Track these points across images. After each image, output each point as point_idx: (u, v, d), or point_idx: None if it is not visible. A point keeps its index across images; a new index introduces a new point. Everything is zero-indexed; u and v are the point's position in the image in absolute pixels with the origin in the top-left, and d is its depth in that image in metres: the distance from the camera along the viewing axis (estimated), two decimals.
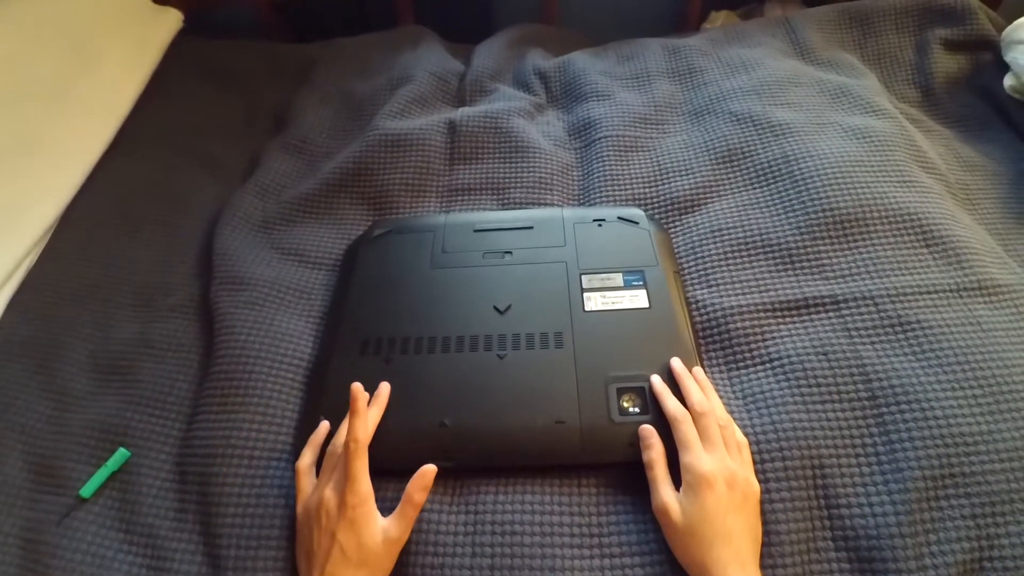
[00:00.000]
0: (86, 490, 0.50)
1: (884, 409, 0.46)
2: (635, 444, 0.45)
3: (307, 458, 0.47)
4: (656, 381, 0.48)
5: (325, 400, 0.50)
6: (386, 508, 0.44)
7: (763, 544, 0.42)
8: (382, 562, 0.42)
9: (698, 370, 0.49)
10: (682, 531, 0.40)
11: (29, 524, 0.49)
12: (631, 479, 0.46)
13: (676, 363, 0.48)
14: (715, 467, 0.41)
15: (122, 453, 0.51)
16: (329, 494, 0.43)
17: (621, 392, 0.47)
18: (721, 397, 0.49)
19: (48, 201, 0.69)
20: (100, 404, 0.56)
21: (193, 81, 0.88)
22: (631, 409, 0.47)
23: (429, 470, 0.44)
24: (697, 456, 0.42)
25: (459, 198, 0.68)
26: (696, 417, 0.45)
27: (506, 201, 0.67)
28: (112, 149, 0.76)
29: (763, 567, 0.41)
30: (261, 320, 0.57)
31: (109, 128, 0.77)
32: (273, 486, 0.48)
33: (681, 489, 0.42)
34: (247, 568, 0.45)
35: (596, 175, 0.67)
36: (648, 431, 0.45)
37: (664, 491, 0.42)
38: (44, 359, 0.59)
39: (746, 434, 0.46)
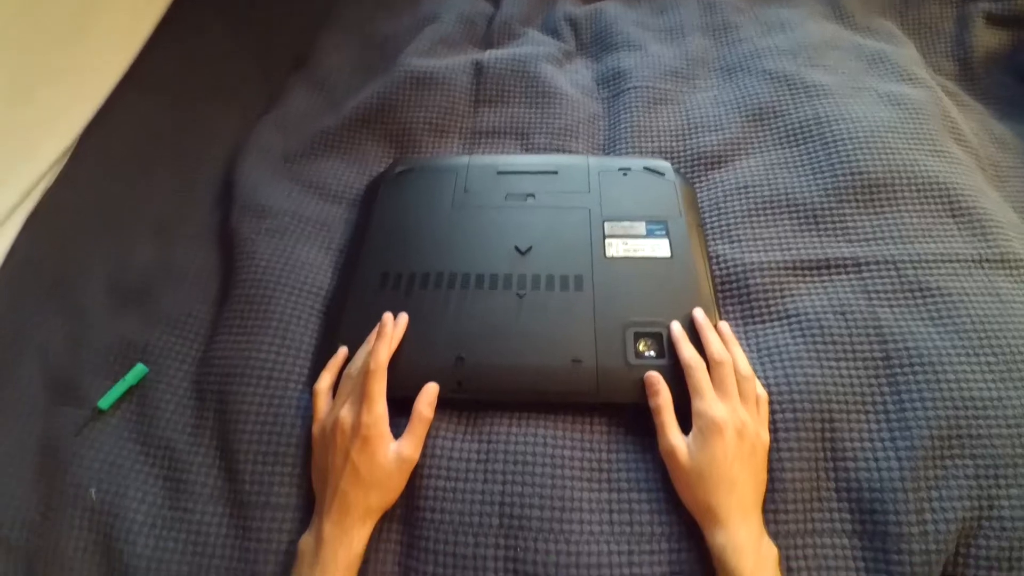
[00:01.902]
0: (104, 402, 0.51)
1: (897, 370, 0.46)
2: None
3: (325, 381, 0.47)
4: (675, 327, 0.48)
5: (343, 328, 0.51)
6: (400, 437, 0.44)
7: (767, 491, 0.43)
8: (394, 482, 0.43)
9: (723, 324, 0.49)
10: (688, 473, 0.41)
11: (47, 434, 0.50)
12: (641, 421, 0.46)
13: (698, 313, 0.49)
14: (726, 415, 0.42)
15: (140, 368, 0.52)
16: (345, 414, 0.43)
17: (638, 336, 0.48)
18: None
19: (63, 128, 0.68)
20: (118, 323, 0.56)
21: (210, 17, 0.86)
22: (647, 353, 0.47)
23: (433, 386, 0.45)
24: (709, 403, 0.43)
25: (482, 141, 0.68)
26: (713, 366, 0.45)
27: (530, 147, 0.67)
28: (127, 84, 0.75)
29: (766, 513, 0.42)
30: (282, 248, 0.57)
31: (124, 61, 0.76)
32: (290, 406, 0.48)
33: (691, 434, 0.43)
34: (264, 482, 0.46)
35: (623, 126, 0.66)
36: (654, 377, 0.45)
37: (671, 434, 0.43)
38: (61, 279, 0.59)
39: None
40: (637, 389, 0.46)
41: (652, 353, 0.47)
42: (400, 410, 0.45)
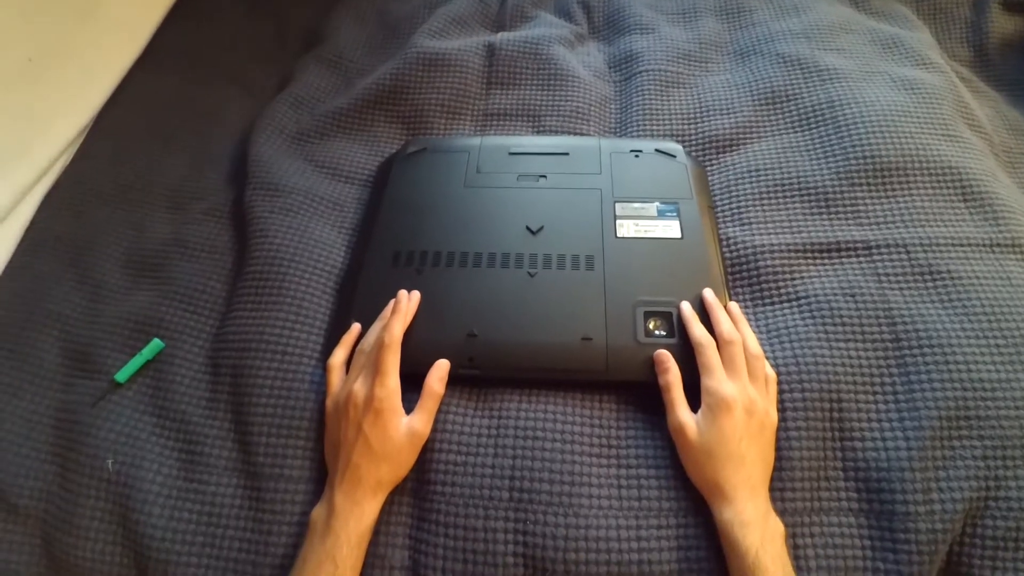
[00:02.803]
0: (121, 375, 0.51)
1: (906, 351, 0.47)
2: None
3: (339, 355, 0.48)
4: (685, 307, 0.48)
5: (356, 305, 0.51)
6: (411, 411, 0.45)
7: (775, 469, 0.43)
8: (404, 456, 0.43)
9: (733, 305, 0.49)
10: (697, 449, 0.42)
11: (63, 406, 0.51)
12: (650, 399, 0.47)
13: (708, 293, 0.49)
14: (736, 392, 0.42)
15: (156, 343, 0.53)
16: (359, 387, 0.44)
17: (648, 315, 0.48)
18: None
19: (79, 106, 0.69)
20: (134, 298, 0.57)
21: None
22: (657, 332, 0.47)
23: (444, 362, 0.45)
24: (719, 380, 0.43)
25: (494, 122, 0.68)
26: (722, 344, 0.45)
27: (541, 129, 0.66)
28: (140, 65, 0.76)
29: (773, 491, 0.42)
30: (295, 226, 0.58)
31: (137, 42, 0.77)
32: (304, 380, 0.49)
33: (700, 411, 0.43)
34: (277, 455, 0.46)
35: (634, 108, 0.66)
36: (664, 355, 0.46)
37: (680, 411, 0.43)
38: (78, 254, 0.60)
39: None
40: (646, 367, 0.46)
41: (662, 332, 0.47)
42: (412, 385, 0.46)
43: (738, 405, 0.42)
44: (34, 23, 0.66)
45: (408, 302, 0.49)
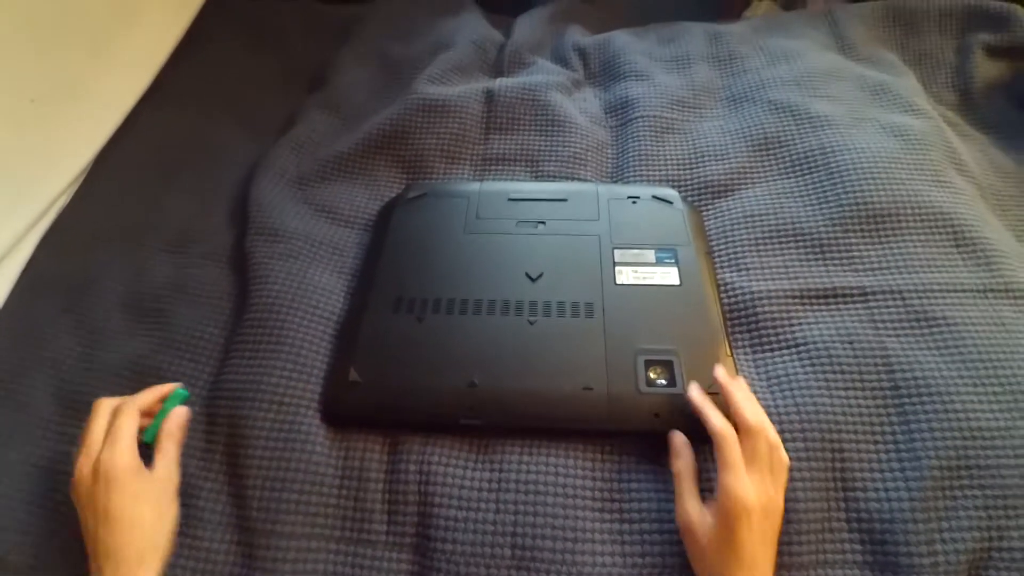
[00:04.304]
0: (149, 435, 0.45)
1: (905, 399, 0.47)
2: (660, 415, 0.46)
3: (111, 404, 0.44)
4: (695, 394, 0.44)
5: (358, 352, 0.51)
6: None
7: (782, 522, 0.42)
8: (158, 514, 0.40)
9: (741, 380, 0.46)
10: (705, 549, 0.39)
11: (56, 456, 0.50)
12: (653, 449, 0.46)
13: (720, 373, 0.45)
14: (756, 495, 0.38)
15: (180, 392, 0.48)
16: (83, 460, 0.40)
17: (649, 364, 0.48)
18: (746, 378, 0.49)
19: (82, 146, 0.69)
20: (131, 343, 0.56)
21: (230, 37, 0.88)
22: (658, 380, 0.47)
23: (183, 410, 0.44)
24: (740, 480, 0.38)
25: (493, 167, 0.68)
26: (747, 434, 0.40)
27: (539, 173, 0.67)
28: (147, 101, 0.76)
29: (780, 544, 0.41)
30: (295, 272, 0.58)
31: (145, 79, 0.77)
32: (300, 431, 0.48)
33: (714, 507, 0.39)
34: (270, 508, 0.46)
35: (631, 154, 0.67)
36: (679, 440, 0.43)
37: (691, 505, 0.40)
38: (76, 297, 0.60)
39: (769, 415, 0.45)
40: (648, 417, 0.46)
41: (663, 380, 0.47)
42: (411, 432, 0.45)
43: (756, 509, 0.38)
44: (42, 63, 0.67)
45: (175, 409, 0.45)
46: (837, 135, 0.63)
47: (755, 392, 0.48)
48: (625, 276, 0.54)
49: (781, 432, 0.46)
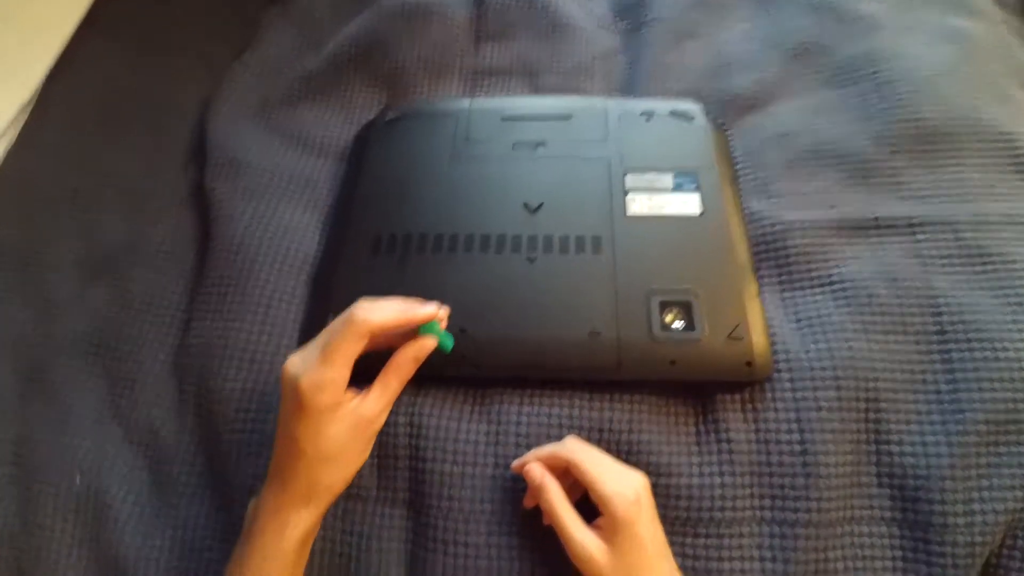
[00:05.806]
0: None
1: (952, 345, 0.42)
2: (677, 362, 0.42)
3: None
4: (536, 472, 0.37)
5: (333, 301, 0.45)
6: None
7: (808, 476, 0.39)
8: (348, 455, 0.36)
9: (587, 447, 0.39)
10: (616, 567, 0.34)
11: (21, 432, 0.46)
12: (667, 399, 0.43)
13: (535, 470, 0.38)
14: (626, 483, 0.35)
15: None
16: (291, 370, 0.35)
17: (664, 305, 0.43)
18: (773, 319, 0.45)
19: (19, 80, 0.61)
20: (89, 311, 0.52)
21: None
22: (675, 324, 0.42)
23: (431, 340, 0.37)
24: (610, 486, 0.34)
25: (485, 82, 0.62)
26: (570, 452, 0.37)
27: (539, 87, 0.61)
28: (86, 28, 0.66)
29: (808, 499, 0.39)
30: (261, 211, 0.52)
31: (82, 3, 0.67)
32: (275, 391, 0.44)
33: (601, 529, 0.35)
34: (247, 473, 0.43)
35: (644, 63, 0.60)
36: (536, 473, 0.37)
37: (583, 536, 0.34)
38: (27, 261, 0.54)
39: (798, 359, 0.43)
40: (664, 365, 0.42)
41: (680, 324, 0.42)
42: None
43: (638, 504, 0.34)
44: None
45: (439, 309, 0.38)
46: (885, 40, 0.56)
47: (783, 334, 0.44)
48: (638, 205, 0.47)
49: (812, 379, 0.42)
